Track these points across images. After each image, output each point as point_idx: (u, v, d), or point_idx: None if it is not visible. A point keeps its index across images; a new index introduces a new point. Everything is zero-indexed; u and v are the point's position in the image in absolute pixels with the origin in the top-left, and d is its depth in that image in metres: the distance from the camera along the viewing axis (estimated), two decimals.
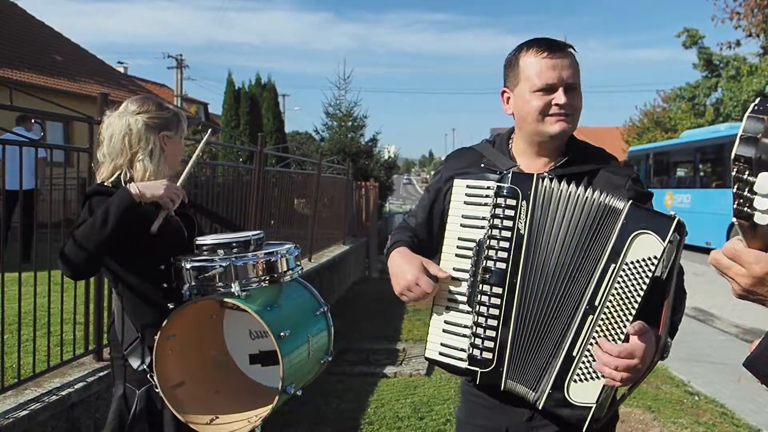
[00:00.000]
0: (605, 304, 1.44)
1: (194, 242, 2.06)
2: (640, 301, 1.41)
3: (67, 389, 2.87)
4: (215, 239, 2.04)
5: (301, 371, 2.04)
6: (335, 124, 19.12)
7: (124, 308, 2.10)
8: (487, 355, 1.54)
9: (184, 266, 1.98)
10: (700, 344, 7.05)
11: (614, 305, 1.43)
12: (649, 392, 5.09)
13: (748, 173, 0.93)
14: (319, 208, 8.50)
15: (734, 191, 0.95)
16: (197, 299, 1.99)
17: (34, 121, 3.19)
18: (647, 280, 1.40)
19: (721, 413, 4.94)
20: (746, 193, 0.94)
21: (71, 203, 3.65)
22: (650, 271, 1.40)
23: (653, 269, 1.40)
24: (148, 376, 2.04)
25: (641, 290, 1.41)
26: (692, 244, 13.34)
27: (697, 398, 5.28)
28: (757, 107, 0.94)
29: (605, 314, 1.44)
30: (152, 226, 2.02)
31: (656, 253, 1.40)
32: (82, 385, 2.94)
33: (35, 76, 14.99)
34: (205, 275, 1.96)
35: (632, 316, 1.41)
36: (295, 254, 2.13)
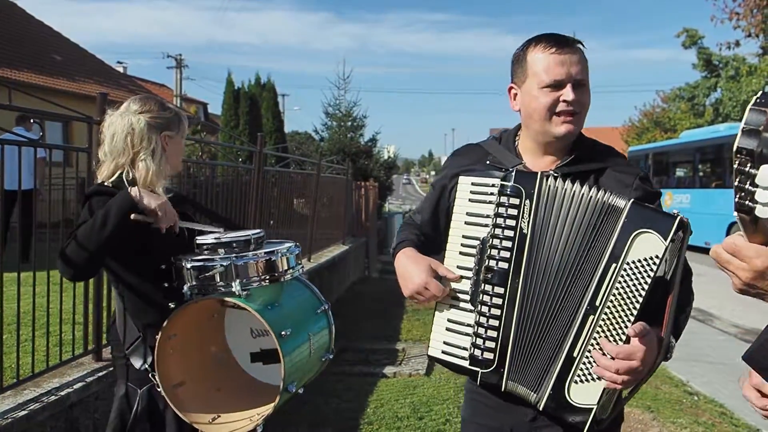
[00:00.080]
0: (606, 304, 1.43)
1: (195, 241, 2.06)
2: (641, 301, 1.40)
3: (66, 389, 2.86)
4: (215, 239, 2.03)
5: (302, 369, 2.04)
6: (335, 124, 19.10)
7: (125, 308, 2.09)
8: (488, 355, 1.54)
9: (184, 266, 1.98)
10: (699, 344, 7.04)
11: (615, 306, 1.42)
12: (648, 392, 5.08)
13: (749, 165, 0.93)
14: (318, 208, 8.49)
15: (735, 184, 0.95)
16: (198, 299, 1.99)
17: (33, 120, 3.18)
18: (649, 280, 1.39)
19: (720, 413, 4.94)
20: (747, 185, 0.93)
21: (70, 203, 3.64)
22: (652, 271, 1.39)
23: (655, 269, 1.39)
24: (149, 375, 2.04)
25: (642, 290, 1.40)
26: (692, 244, 13.11)
27: (696, 398, 5.28)
28: (759, 100, 0.94)
29: (606, 315, 1.43)
30: (137, 215, 1.93)
31: (658, 252, 1.39)
32: (81, 385, 2.93)
33: (34, 75, 14.96)
34: (205, 274, 1.95)
35: (633, 316, 1.40)
36: (295, 253, 2.13)
